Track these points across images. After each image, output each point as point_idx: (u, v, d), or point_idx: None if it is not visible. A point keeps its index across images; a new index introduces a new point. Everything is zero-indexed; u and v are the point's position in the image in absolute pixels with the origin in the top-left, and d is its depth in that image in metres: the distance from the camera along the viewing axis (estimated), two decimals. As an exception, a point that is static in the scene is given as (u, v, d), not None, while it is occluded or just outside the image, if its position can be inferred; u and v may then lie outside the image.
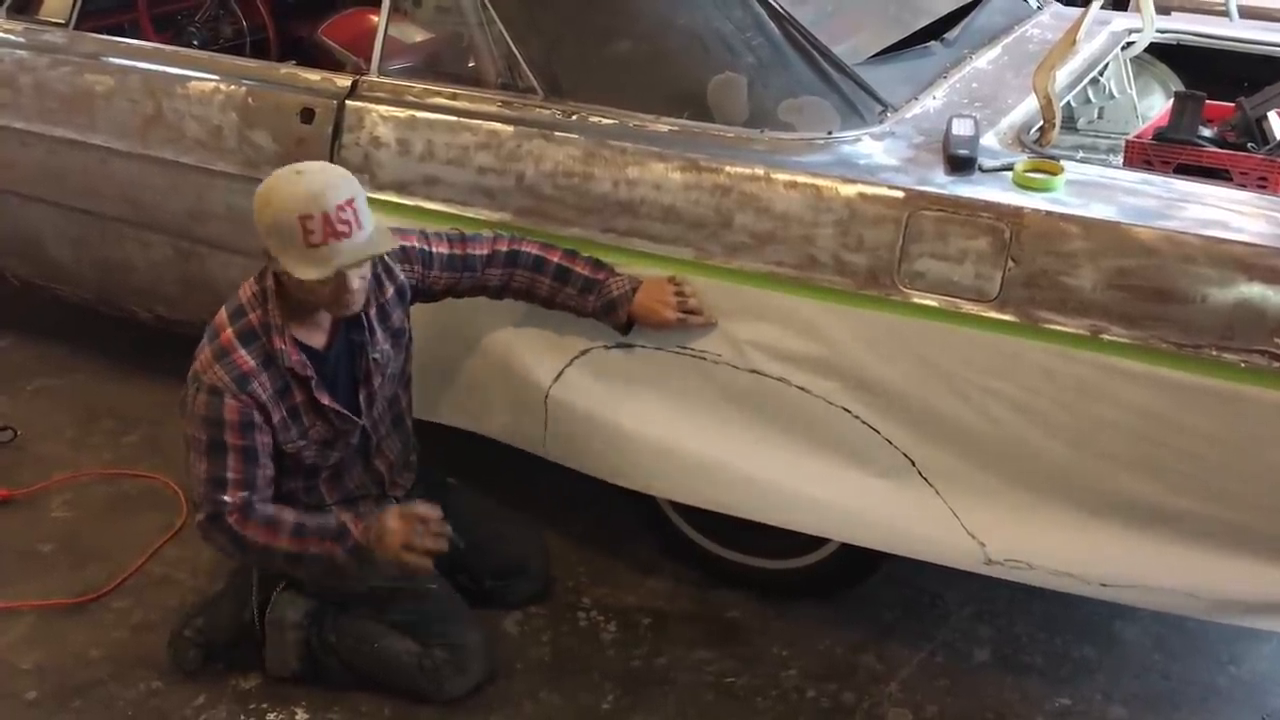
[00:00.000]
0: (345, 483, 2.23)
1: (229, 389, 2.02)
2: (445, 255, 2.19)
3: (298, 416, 2.09)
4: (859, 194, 2.01)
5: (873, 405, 2.05)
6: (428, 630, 2.18)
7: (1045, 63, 2.05)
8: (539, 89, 2.30)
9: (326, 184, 1.96)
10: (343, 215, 1.93)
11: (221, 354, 2.04)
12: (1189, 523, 1.92)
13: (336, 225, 1.92)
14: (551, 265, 2.18)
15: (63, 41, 2.89)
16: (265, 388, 2.04)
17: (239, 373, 2.02)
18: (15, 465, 2.89)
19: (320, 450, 2.15)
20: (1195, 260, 1.81)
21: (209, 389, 2.03)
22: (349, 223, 1.94)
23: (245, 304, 2.07)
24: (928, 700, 2.23)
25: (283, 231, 1.93)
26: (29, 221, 3.06)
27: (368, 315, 2.13)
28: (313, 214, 1.92)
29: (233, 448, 2.03)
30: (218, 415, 2.02)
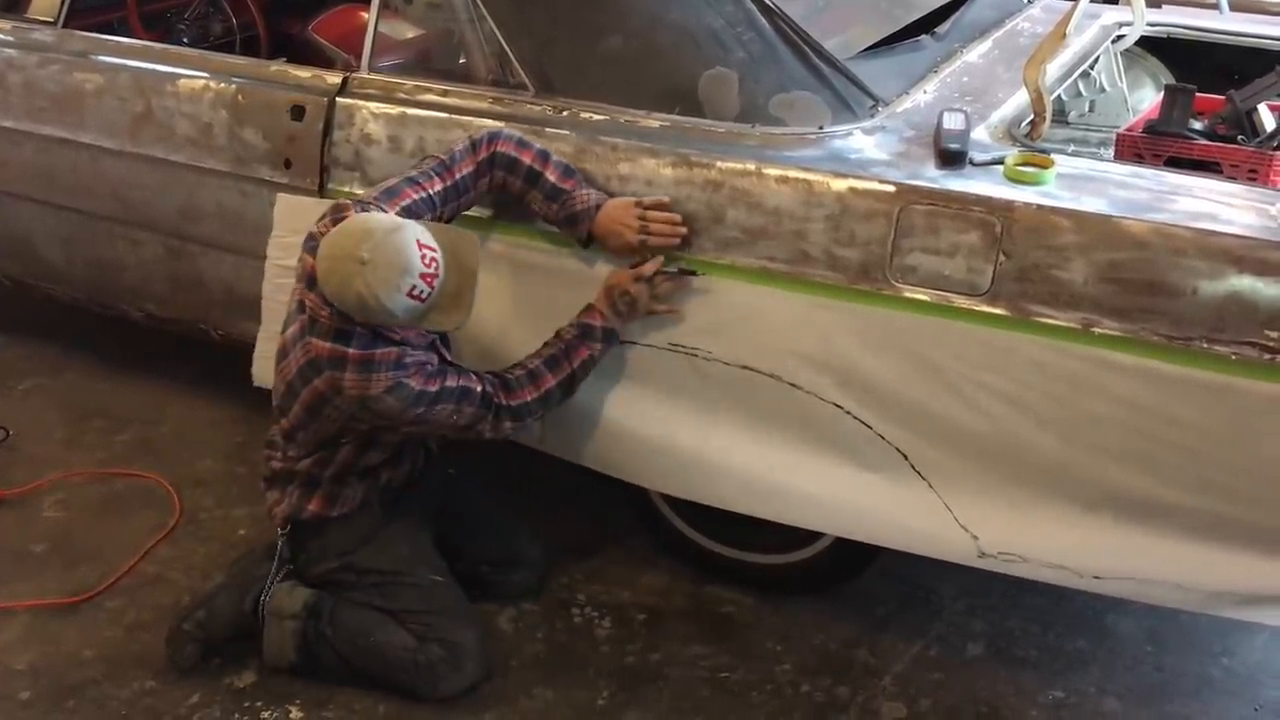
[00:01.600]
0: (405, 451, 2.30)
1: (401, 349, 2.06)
2: (441, 191, 2.17)
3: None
4: (850, 189, 2.01)
5: (865, 400, 2.05)
6: (425, 624, 2.18)
7: (1035, 56, 2.05)
8: (530, 85, 2.30)
9: (412, 250, 1.97)
10: (428, 266, 1.98)
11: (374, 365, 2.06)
12: (1181, 515, 1.92)
13: (430, 274, 1.98)
14: (523, 167, 2.16)
15: (52, 40, 2.88)
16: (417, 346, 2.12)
17: (392, 359, 2.06)
18: (7, 465, 2.88)
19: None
20: (1186, 253, 1.81)
21: (387, 389, 2.04)
22: (432, 274, 1.99)
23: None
24: (921, 694, 2.24)
25: (406, 313, 1.99)
26: (19, 221, 3.05)
27: None
28: (416, 285, 1.97)
29: (438, 370, 2.09)
30: (399, 359, 2.05)
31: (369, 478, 2.26)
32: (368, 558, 2.24)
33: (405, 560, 2.25)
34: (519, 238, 2.27)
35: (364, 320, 2.02)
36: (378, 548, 2.25)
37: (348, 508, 2.25)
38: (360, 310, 1.99)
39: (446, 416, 2.11)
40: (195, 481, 2.81)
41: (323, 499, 2.24)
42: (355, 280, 1.95)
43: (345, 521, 2.25)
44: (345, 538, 2.26)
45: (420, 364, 2.09)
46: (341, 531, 2.25)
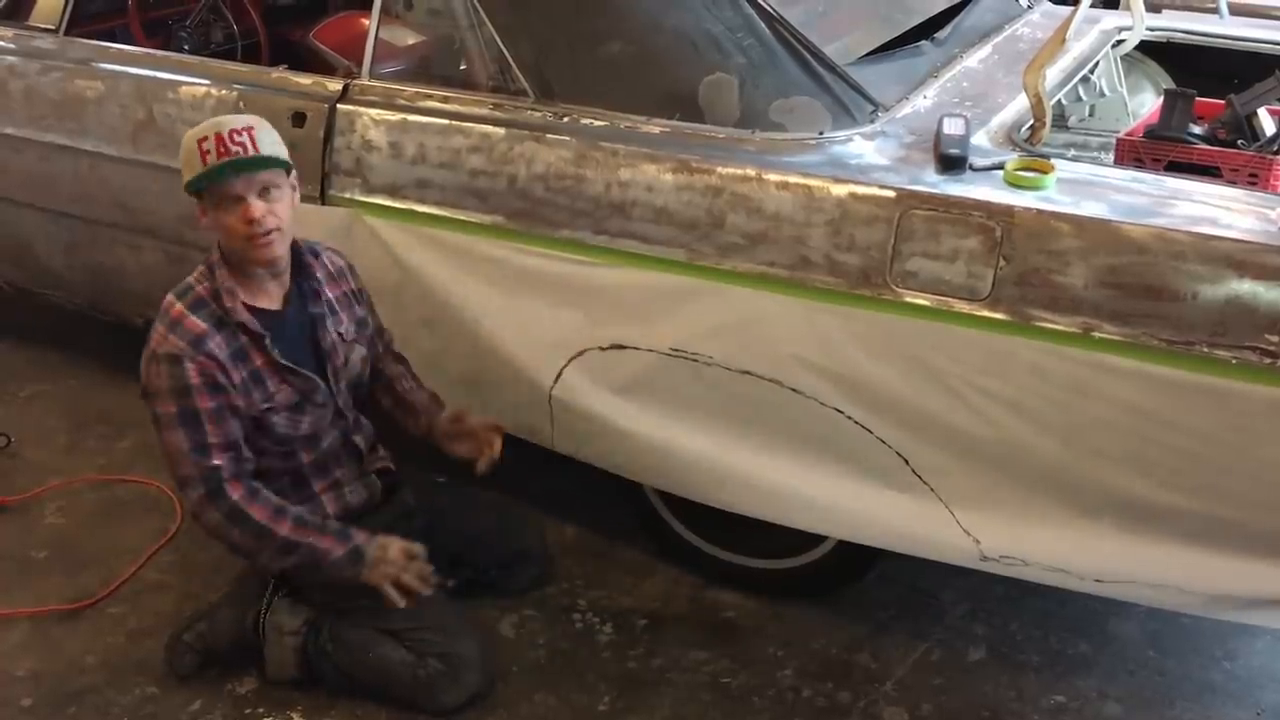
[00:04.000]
0: (325, 457, 2.24)
1: (186, 353, 2.04)
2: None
3: (260, 380, 2.11)
4: (850, 194, 2.01)
5: (865, 405, 2.05)
6: (423, 640, 2.17)
7: (1035, 61, 2.06)
8: (530, 91, 2.30)
9: (227, 117, 2.08)
10: (237, 138, 2.00)
11: (173, 325, 2.07)
12: (1182, 519, 1.92)
13: (230, 145, 2.00)
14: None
15: (53, 47, 2.88)
16: (221, 348, 2.06)
17: (193, 336, 2.05)
18: (8, 471, 2.88)
19: (290, 417, 2.15)
20: (1186, 257, 1.81)
21: (168, 358, 2.05)
22: (243, 145, 2.00)
23: (192, 281, 2.13)
24: (923, 699, 2.24)
25: (187, 161, 2.03)
26: (21, 227, 3.06)
27: (327, 294, 2.21)
28: (207, 135, 2.01)
29: (204, 411, 2.05)
30: (182, 381, 2.04)
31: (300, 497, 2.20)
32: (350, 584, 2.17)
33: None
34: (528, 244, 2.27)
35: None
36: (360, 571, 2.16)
37: None
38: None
39: (171, 448, 2.07)
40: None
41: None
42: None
43: None
44: None
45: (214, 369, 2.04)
46: None
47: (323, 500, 2.24)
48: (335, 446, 2.26)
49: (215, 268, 2.11)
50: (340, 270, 2.27)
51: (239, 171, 2.01)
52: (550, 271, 2.25)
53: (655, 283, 2.16)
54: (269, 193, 2.05)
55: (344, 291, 2.26)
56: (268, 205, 2.05)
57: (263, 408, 2.11)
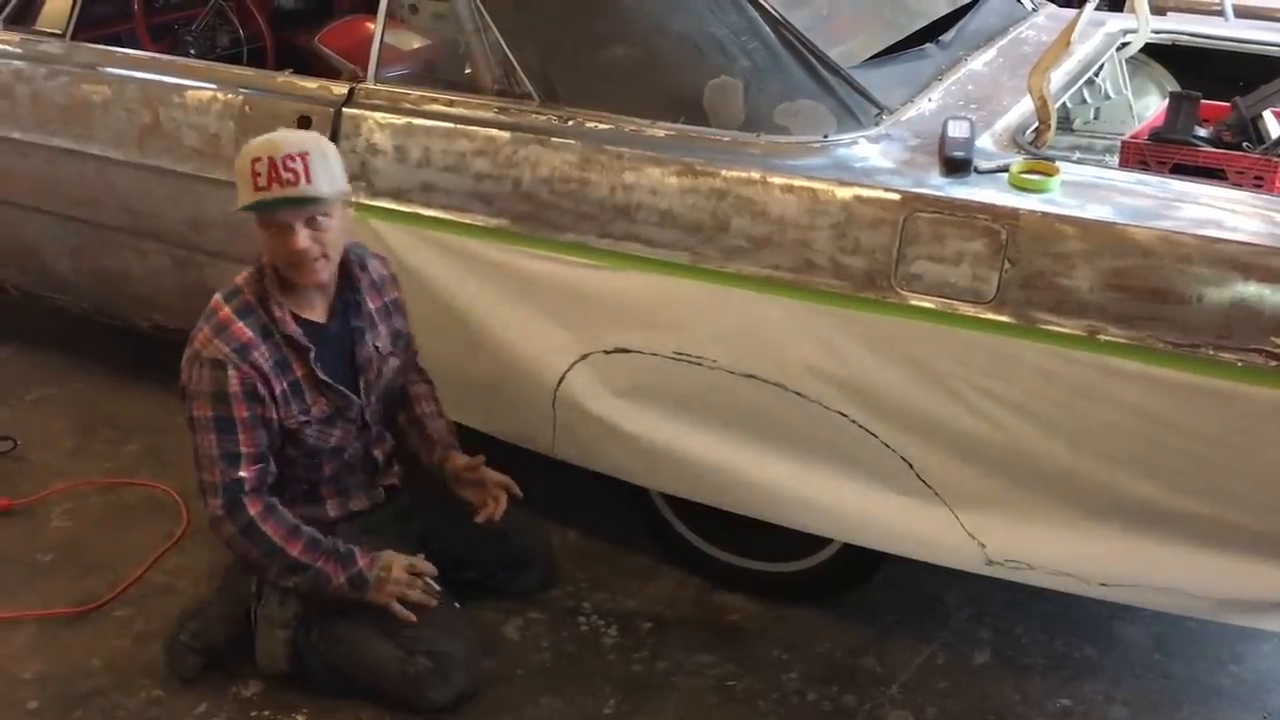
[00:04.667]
0: (344, 468, 2.25)
1: (231, 360, 2.04)
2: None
3: (300, 392, 2.12)
4: (855, 197, 2.01)
5: (869, 409, 2.05)
6: (413, 637, 2.16)
7: (1040, 64, 2.06)
8: (535, 95, 2.30)
9: (285, 137, 2.04)
10: (290, 164, 1.98)
11: (220, 329, 2.07)
12: (1188, 522, 1.92)
13: (282, 172, 1.97)
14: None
15: (60, 52, 2.89)
16: (265, 358, 2.07)
17: (239, 343, 2.06)
18: (15, 475, 2.89)
19: (321, 429, 2.17)
20: (1191, 260, 1.81)
21: (212, 363, 2.06)
22: (295, 174, 1.98)
23: (240, 284, 2.12)
24: (928, 702, 2.23)
25: (240, 176, 2.01)
26: (27, 232, 3.07)
27: (369, 307, 2.20)
28: (261, 157, 1.98)
29: (240, 420, 2.06)
30: (223, 388, 2.05)
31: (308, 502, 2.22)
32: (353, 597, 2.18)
33: None
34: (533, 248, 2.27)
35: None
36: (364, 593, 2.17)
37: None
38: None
39: (202, 452, 2.08)
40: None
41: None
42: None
43: None
44: None
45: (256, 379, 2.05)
46: None
47: (327, 505, 2.25)
48: (355, 458, 2.27)
49: (264, 273, 2.11)
50: (383, 280, 2.27)
51: (284, 206, 2.00)
52: (555, 275, 2.25)
53: (659, 286, 2.16)
54: (317, 221, 2.04)
55: (385, 303, 2.26)
56: (314, 234, 2.04)
57: (300, 420, 2.13)
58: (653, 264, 2.16)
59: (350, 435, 2.23)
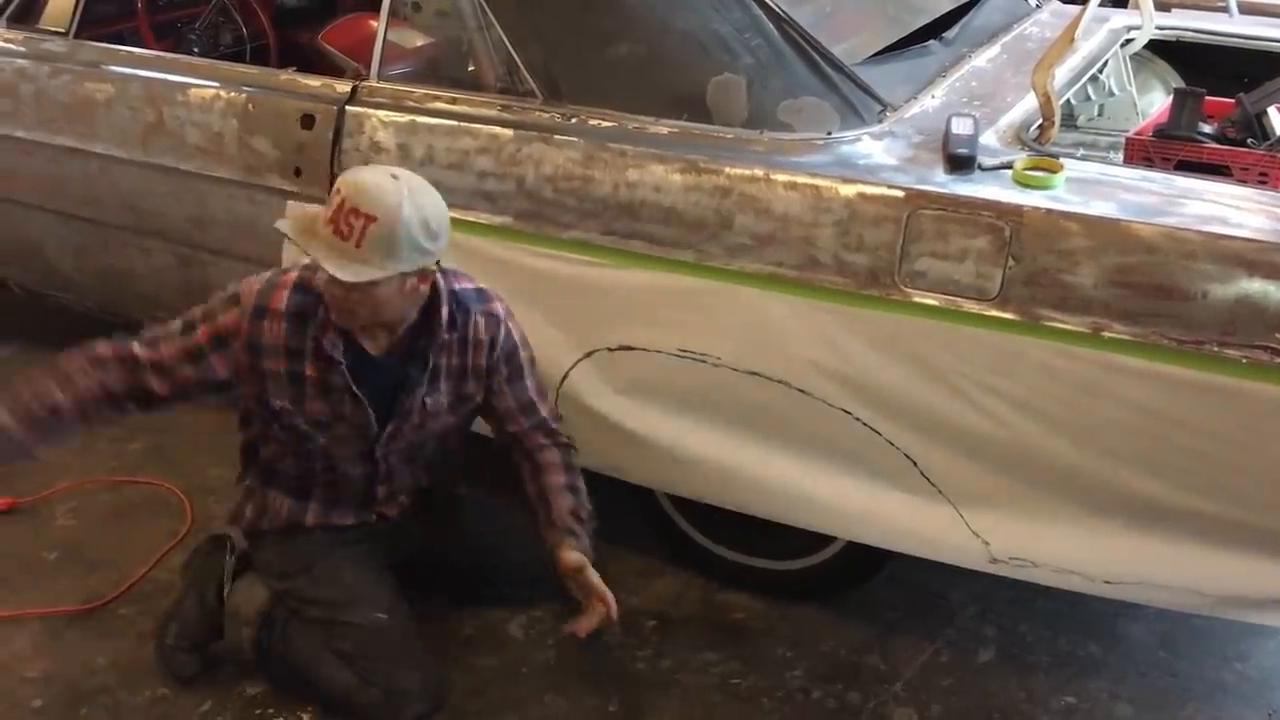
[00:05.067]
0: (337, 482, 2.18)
1: (246, 308, 2.02)
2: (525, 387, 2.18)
3: (298, 383, 2.05)
4: (859, 194, 2.01)
5: (873, 406, 2.05)
6: (369, 667, 2.11)
7: (1044, 60, 2.05)
8: (538, 92, 2.30)
9: (379, 190, 1.89)
10: (352, 220, 1.87)
11: (270, 283, 2.05)
12: (1193, 519, 1.92)
13: (341, 223, 1.88)
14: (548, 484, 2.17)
15: (63, 50, 2.89)
16: (275, 335, 2.02)
17: (264, 304, 2.02)
18: (19, 473, 2.88)
19: (311, 426, 2.09)
20: (1196, 256, 1.80)
21: (235, 294, 2.05)
22: (352, 229, 1.88)
23: None
24: (933, 700, 2.23)
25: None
26: (31, 230, 3.07)
27: (440, 362, 2.09)
28: (343, 194, 1.90)
29: (192, 339, 2.03)
30: (217, 312, 2.04)
31: (296, 495, 2.18)
32: (307, 586, 2.17)
33: (347, 595, 2.14)
34: (536, 245, 2.27)
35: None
36: (317, 578, 2.16)
37: (277, 524, 2.20)
38: None
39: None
40: (207, 489, 2.82)
41: (255, 507, 2.22)
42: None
43: (280, 541, 2.20)
44: (283, 559, 2.20)
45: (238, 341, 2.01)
46: (278, 551, 2.21)
47: (309, 508, 2.20)
48: (354, 481, 2.18)
49: None
50: (480, 343, 2.11)
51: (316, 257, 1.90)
52: (558, 272, 2.25)
53: (663, 283, 2.16)
54: (361, 289, 1.90)
55: (465, 363, 2.12)
56: (363, 296, 1.92)
57: (284, 405, 2.07)
58: (656, 261, 2.15)
59: (349, 455, 2.14)
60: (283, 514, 2.20)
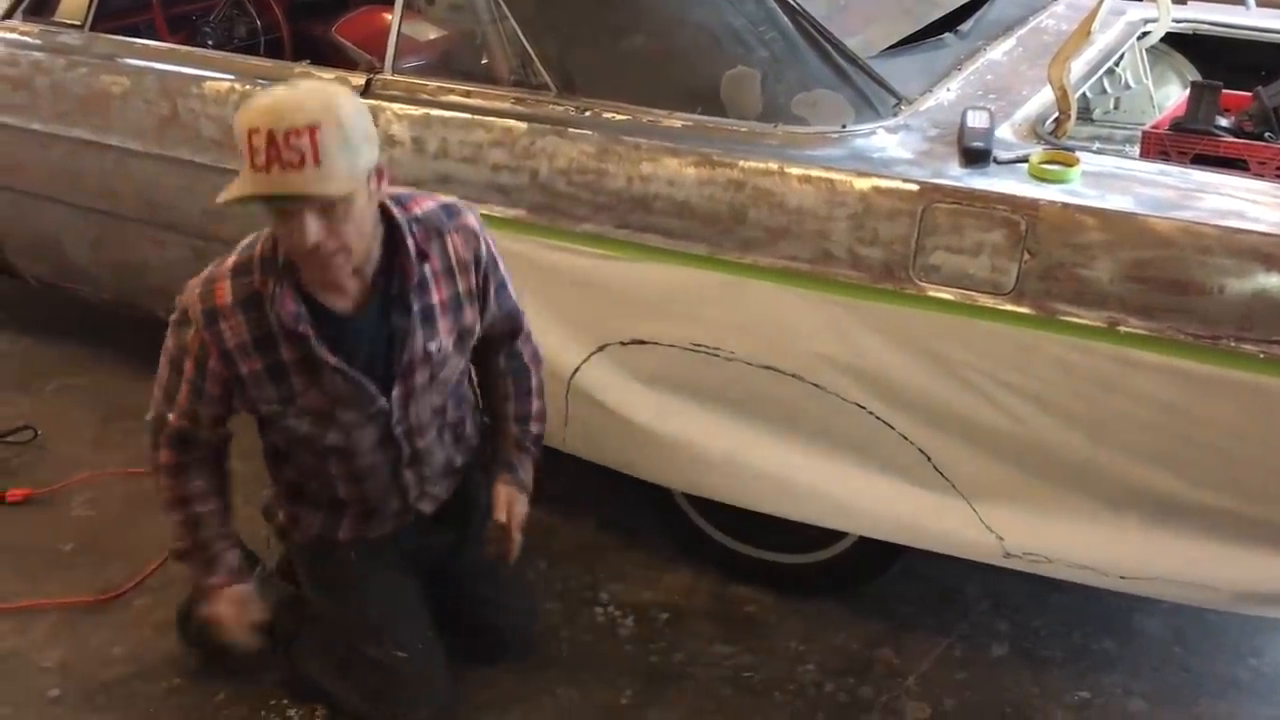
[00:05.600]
0: (365, 487, 2.02)
1: (196, 320, 1.83)
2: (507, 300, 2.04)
3: (282, 376, 1.85)
4: (873, 187, 2.00)
5: (887, 401, 2.05)
6: (374, 702, 2.08)
7: (1060, 53, 2.04)
8: (552, 85, 2.30)
9: (296, 103, 1.62)
10: (294, 142, 1.59)
11: (209, 281, 1.84)
12: (1209, 515, 1.91)
13: (283, 150, 1.59)
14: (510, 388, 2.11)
15: (79, 43, 2.90)
16: (236, 332, 1.81)
17: (211, 305, 1.82)
18: (36, 464, 2.91)
19: (315, 424, 1.91)
20: (1213, 251, 1.80)
21: (182, 311, 1.88)
22: (300, 155, 1.59)
23: (262, 238, 1.85)
24: (946, 694, 2.23)
25: (237, 145, 1.65)
26: (47, 222, 3.08)
27: (430, 300, 1.87)
28: (259, 128, 1.61)
29: (186, 378, 1.89)
30: (182, 340, 1.88)
31: (324, 509, 2.08)
32: (331, 606, 2.13)
33: (370, 626, 2.07)
34: (550, 239, 2.27)
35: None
36: (344, 600, 2.10)
37: (305, 536, 2.12)
38: None
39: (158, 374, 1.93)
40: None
41: (287, 515, 2.14)
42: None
43: (311, 554, 2.14)
44: (311, 572, 2.16)
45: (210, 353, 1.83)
46: (308, 564, 2.16)
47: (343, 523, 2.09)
48: (382, 477, 2.01)
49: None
50: (464, 263, 1.91)
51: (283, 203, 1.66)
52: (572, 266, 2.25)
53: (677, 277, 2.16)
54: (334, 210, 1.67)
55: (458, 291, 1.92)
56: (330, 225, 1.67)
57: (273, 408, 1.89)
58: (670, 255, 2.15)
59: (367, 445, 1.95)
60: (313, 530, 2.10)
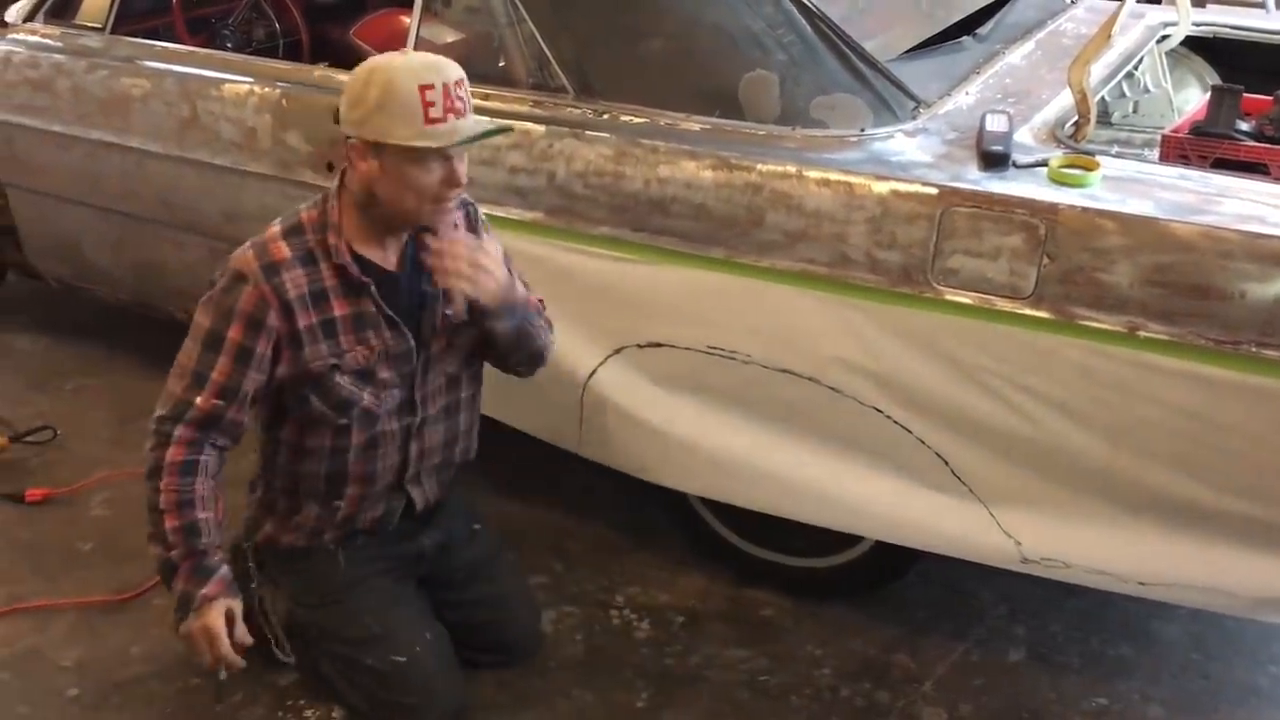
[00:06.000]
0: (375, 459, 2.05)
1: (254, 275, 1.87)
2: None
3: (333, 331, 1.93)
4: (892, 191, 2.00)
5: (905, 405, 2.04)
6: (382, 710, 2.07)
7: (1080, 57, 2.04)
8: (570, 88, 2.31)
9: (437, 61, 1.85)
10: (459, 93, 1.82)
11: (260, 244, 1.91)
12: (1229, 520, 1.90)
13: (455, 101, 1.81)
14: None
15: (100, 45, 2.92)
16: (297, 285, 1.89)
17: (270, 260, 1.88)
18: (55, 464, 2.93)
19: (355, 381, 1.96)
20: (1234, 255, 1.79)
21: (233, 274, 1.90)
22: (464, 101, 1.83)
23: (302, 208, 1.97)
24: (962, 699, 2.22)
25: (397, 104, 1.79)
26: (67, 223, 3.10)
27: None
28: (433, 84, 1.79)
29: (229, 344, 1.88)
30: (231, 303, 1.88)
31: (325, 497, 2.07)
32: (327, 620, 2.10)
33: (367, 635, 2.06)
34: (567, 241, 2.27)
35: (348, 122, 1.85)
36: (338, 614, 2.09)
37: (302, 539, 2.11)
38: (359, 89, 1.83)
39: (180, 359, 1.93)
40: (238, 480, 2.82)
41: (275, 521, 2.12)
42: (377, 60, 1.87)
43: (303, 565, 2.12)
44: (303, 587, 2.12)
45: (271, 306, 1.86)
46: (299, 578, 2.13)
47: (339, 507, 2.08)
48: (390, 447, 2.06)
49: (330, 198, 1.92)
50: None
51: (460, 147, 1.84)
52: (589, 268, 2.26)
53: (694, 280, 2.16)
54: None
55: None
56: (463, 164, 1.89)
57: (329, 362, 1.93)
58: (687, 258, 2.15)
59: (391, 403, 2.00)
60: (308, 525, 2.10)
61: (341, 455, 2.05)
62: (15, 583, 2.52)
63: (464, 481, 2.29)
